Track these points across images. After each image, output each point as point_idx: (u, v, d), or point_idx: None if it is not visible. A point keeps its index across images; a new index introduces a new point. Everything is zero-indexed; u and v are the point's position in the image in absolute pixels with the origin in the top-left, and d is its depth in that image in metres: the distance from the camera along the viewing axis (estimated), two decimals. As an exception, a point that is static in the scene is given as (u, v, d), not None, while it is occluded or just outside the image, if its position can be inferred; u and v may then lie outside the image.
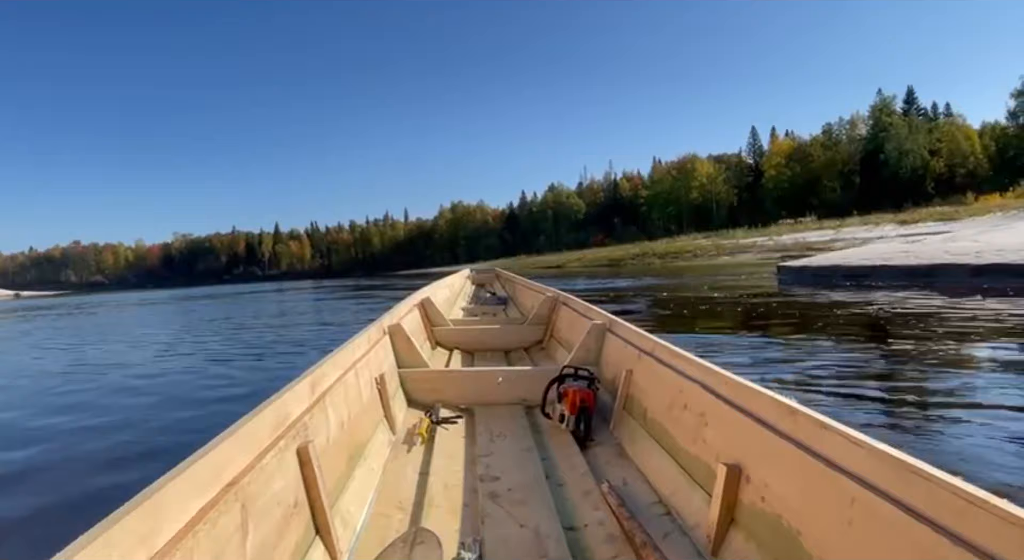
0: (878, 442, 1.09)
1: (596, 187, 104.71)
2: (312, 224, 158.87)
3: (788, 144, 78.00)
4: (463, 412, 2.92)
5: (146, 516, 0.91)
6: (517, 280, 8.46)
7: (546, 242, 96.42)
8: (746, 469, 1.47)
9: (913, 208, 47.69)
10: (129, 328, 16.50)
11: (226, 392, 5.82)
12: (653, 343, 2.39)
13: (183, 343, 11.08)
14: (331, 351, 2.24)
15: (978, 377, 4.51)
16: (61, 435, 4.57)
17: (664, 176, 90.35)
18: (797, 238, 36.34)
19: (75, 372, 8.06)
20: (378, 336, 3.04)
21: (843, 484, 1.13)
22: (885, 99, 68.72)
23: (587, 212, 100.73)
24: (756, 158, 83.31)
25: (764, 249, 34.63)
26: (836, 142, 73.15)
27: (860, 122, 71.74)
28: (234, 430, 1.27)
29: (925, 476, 0.96)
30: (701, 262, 34.71)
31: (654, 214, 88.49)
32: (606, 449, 2.36)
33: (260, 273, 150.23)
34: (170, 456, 1.14)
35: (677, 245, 46.53)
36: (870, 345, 6.10)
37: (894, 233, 28.00)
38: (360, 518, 1.79)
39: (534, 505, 1.86)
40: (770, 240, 38.22)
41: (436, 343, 4.72)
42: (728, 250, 37.11)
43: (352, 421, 2.10)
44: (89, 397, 6.08)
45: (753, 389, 1.55)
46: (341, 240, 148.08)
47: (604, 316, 3.32)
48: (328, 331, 11.36)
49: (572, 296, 4.52)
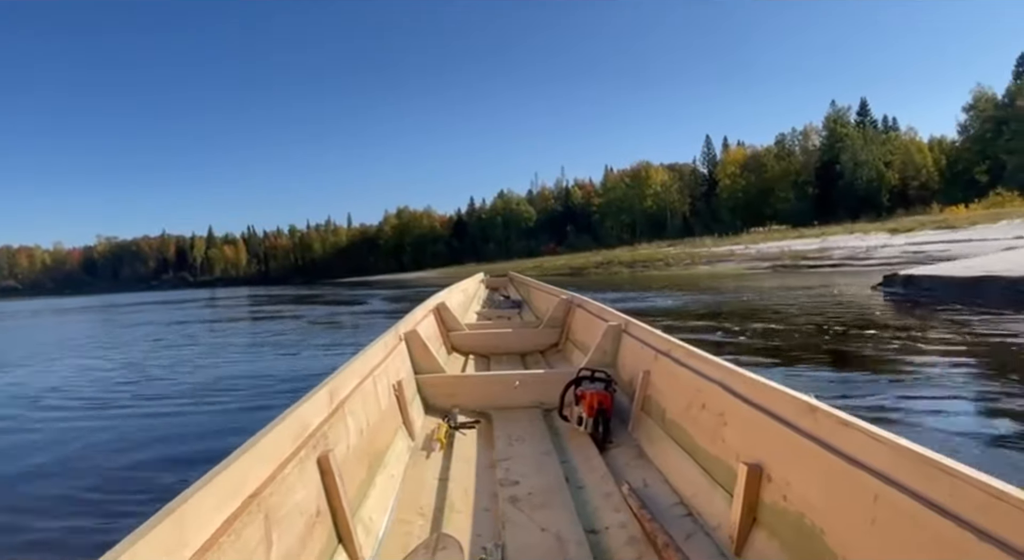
0: (899, 438, 1.09)
1: (547, 194, 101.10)
2: (249, 228, 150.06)
3: (741, 153, 76.22)
4: (481, 417, 2.88)
5: (172, 528, 0.91)
6: (531, 283, 8.40)
7: (496, 249, 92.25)
8: (767, 468, 1.45)
9: (878, 219, 46.00)
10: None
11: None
12: (670, 343, 2.38)
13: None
14: (348, 359, 2.20)
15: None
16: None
17: (617, 184, 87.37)
18: (781, 246, 33.19)
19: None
20: (394, 343, 3.00)
21: (865, 481, 1.12)
22: (839, 110, 67.66)
23: (538, 219, 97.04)
24: (710, 167, 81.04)
25: (747, 258, 31.34)
26: (789, 152, 71.79)
27: (813, 133, 70.58)
28: (255, 441, 1.26)
29: (948, 471, 0.95)
30: (678, 271, 31.12)
31: (607, 222, 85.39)
32: (625, 451, 2.34)
33: (191, 279, 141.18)
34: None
35: (644, 253, 43.06)
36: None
37: (904, 241, 24.90)
38: (382, 525, 1.77)
39: (555, 509, 1.84)
40: (747, 248, 35.06)
41: (452, 348, 4.66)
42: (704, 259, 33.72)
43: (371, 429, 2.08)
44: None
45: (772, 387, 1.54)
46: (280, 245, 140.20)
47: (619, 317, 3.30)
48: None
49: (587, 298, 4.52)
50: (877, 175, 62.76)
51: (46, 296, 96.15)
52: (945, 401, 4.42)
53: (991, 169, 54.20)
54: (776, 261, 27.55)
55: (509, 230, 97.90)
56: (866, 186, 62.31)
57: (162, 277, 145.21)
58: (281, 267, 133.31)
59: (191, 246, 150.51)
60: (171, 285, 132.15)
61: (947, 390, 4.78)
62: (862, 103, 68.06)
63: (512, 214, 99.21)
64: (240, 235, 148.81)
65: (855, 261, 23.31)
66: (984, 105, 58.27)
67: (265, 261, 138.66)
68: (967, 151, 59.35)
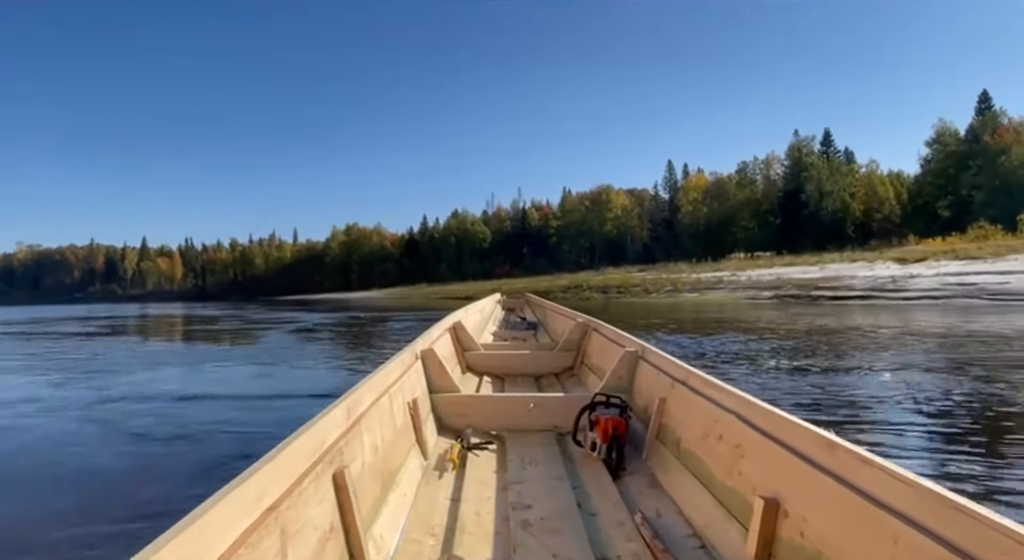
0: (922, 478, 1.06)
1: (503, 215, 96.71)
2: (187, 240, 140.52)
3: (703, 179, 73.90)
4: (494, 438, 2.86)
5: (192, 538, 0.91)
6: (547, 305, 8.45)
7: (448, 271, 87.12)
8: (784, 503, 1.42)
9: (843, 249, 43.49)
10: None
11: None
12: (686, 372, 2.34)
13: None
14: (365, 376, 2.18)
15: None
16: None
17: (576, 206, 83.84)
18: (776, 274, 29.22)
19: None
20: (411, 361, 2.97)
21: (886, 521, 1.09)
22: (803, 140, 65.92)
23: (493, 240, 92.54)
24: (671, 193, 78.01)
25: (740, 286, 27.38)
26: (751, 180, 69.81)
27: (776, 162, 68.74)
28: (273, 455, 1.25)
29: (972, 515, 0.93)
30: (662, 299, 26.88)
31: (565, 245, 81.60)
32: (639, 479, 2.30)
33: (120, 291, 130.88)
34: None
35: (615, 278, 38.66)
36: None
37: (935, 272, 21.22)
38: (393, 544, 1.75)
39: (567, 535, 1.81)
40: (735, 275, 31.05)
41: (467, 368, 4.62)
42: (688, 286, 29.60)
43: (386, 446, 2.07)
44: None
45: (790, 421, 1.50)
46: (219, 259, 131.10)
47: (636, 343, 3.24)
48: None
49: (603, 323, 4.43)
50: (842, 206, 60.98)
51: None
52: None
53: (953, 204, 53.01)
54: (778, 290, 23.61)
55: (463, 250, 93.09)
56: (831, 216, 60.33)
57: (88, 289, 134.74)
58: (219, 282, 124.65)
59: (122, 257, 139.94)
60: (97, 298, 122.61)
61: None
62: (826, 133, 66.44)
63: (467, 234, 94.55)
64: (177, 247, 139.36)
65: (886, 292, 19.55)
66: (948, 139, 57.30)
67: (203, 276, 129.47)
68: (929, 185, 58.13)
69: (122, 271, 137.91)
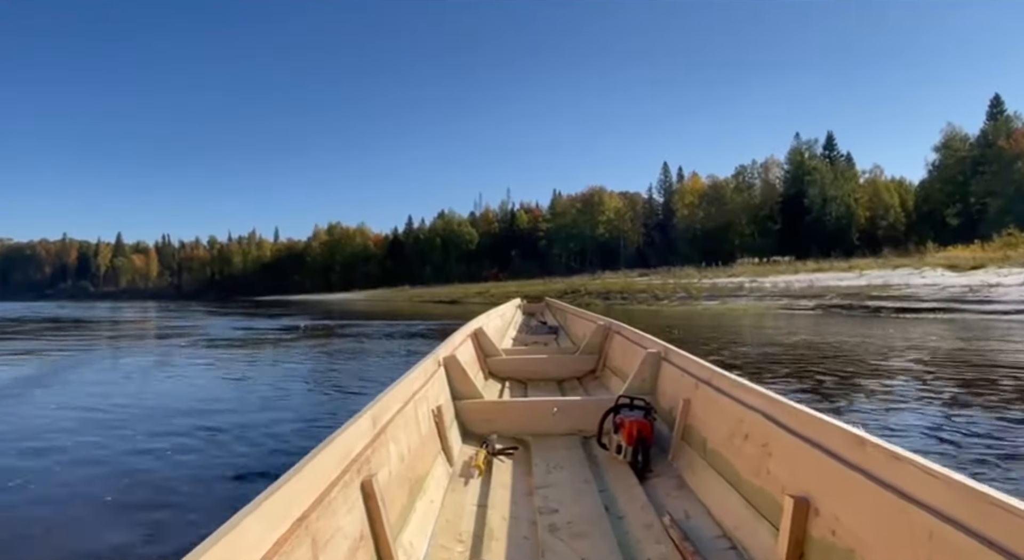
0: (956, 473, 1.04)
1: (491, 217, 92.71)
2: (164, 237, 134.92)
3: (700, 183, 70.61)
4: (518, 443, 2.83)
5: (226, 550, 0.91)
6: (568, 309, 8.34)
7: (433, 273, 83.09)
8: (814, 501, 1.40)
9: (847, 257, 40.08)
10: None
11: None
12: (710, 372, 2.32)
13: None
14: (390, 384, 2.15)
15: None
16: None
17: (567, 209, 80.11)
18: (809, 280, 25.43)
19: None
20: (434, 368, 2.92)
21: (920, 517, 1.07)
22: (806, 143, 62.73)
23: (481, 243, 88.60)
24: (666, 196, 74.25)
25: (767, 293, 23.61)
26: (749, 185, 66.69)
27: (775, 166, 65.64)
28: (302, 466, 1.25)
29: (1008, 509, 0.91)
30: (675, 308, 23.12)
31: (555, 249, 77.76)
32: (665, 481, 2.28)
33: (92, 289, 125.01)
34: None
35: (616, 283, 34.46)
36: None
37: (1015, 281, 17.60)
38: (422, 551, 1.74)
39: (595, 539, 1.79)
40: (755, 281, 27.16)
41: (489, 373, 4.57)
42: (705, 293, 25.83)
43: (412, 454, 2.05)
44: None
45: (819, 419, 1.48)
46: (196, 257, 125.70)
47: (658, 344, 3.22)
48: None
49: (624, 325, 4.42)
50: (847, 212, 57.93)
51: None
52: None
53: (962, 211, 50.13)
54: (820, 299, 19.88)
55: (449, 253, 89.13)
56: (835, 222, 57.25)
57: (59, 286, 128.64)
58: (196, 280, 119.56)
59: (95, 252, 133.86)
60: (68, 295, 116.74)
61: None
62: (828, 137, 63.28)
63: (453, 236, 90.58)
64: (154, 244, 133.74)
65: (969, 304, 15.98)
66: (957, 144, 54.46)
67: (179, 274, 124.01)
68: (937, 191, 55.23)
69: (95, 267, 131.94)
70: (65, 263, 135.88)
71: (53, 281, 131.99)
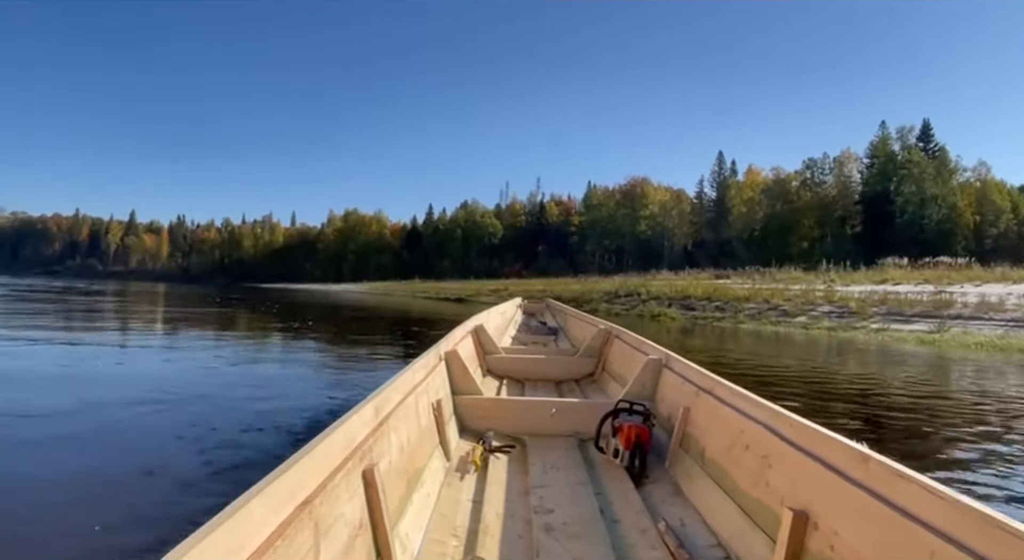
0: (959, 494, 1.03)
1: (519, 208, 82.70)
2: (179, 217, 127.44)
3: (761, 177, 59.96)
4: (515, 442, 2.77)
5: (233, 530, 0.91)
6: (568, 311, 8.32)
7: (451, 267, 73.78)
8: (814, 516, 1.38)
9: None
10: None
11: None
12: (712, 381, 2.29)
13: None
14: (393, 376, 2.12)
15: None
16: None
17: (604, 201, 69.87)
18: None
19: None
20: (435, 362, 2.89)
21: (921, 536, 1.05)
22: (900, 129, 51.68)
23: (504, 236, 78.80)
24: (720, 191, 63.54)
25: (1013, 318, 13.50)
26: (819, 182, 55.98)
27: (851, 160, 54.89)
28: (306, 451, 1.25)
29: (1011, 531, 0.90)
30: (846, 335, 13.11)
31: (588, 246, 67.69)
32: (661, 487, 2.24)
33: (101, 268, 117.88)
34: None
35: (700, 286, 24.01)
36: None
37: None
38: (417, 543, 1.71)
39: (590, 541, 1.75)
40: (943, 293, 16.68)
41: (487, 371, 4.50)
42: (875, 312, 15.27)
43: (411, 446, 2.03)
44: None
45: (821, 433, 1.46)
46: (207, 239, 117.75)
47: (659, 351, 3.16)
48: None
49: (625, 330, 4.34)
50: (950, 215, 46.96)
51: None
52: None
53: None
54: None
55: (470, 245, 79.66)
56: (936, 227, 46.33)
57: (67, 263, 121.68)
58: (204, 264, 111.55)
59: (106, 230, 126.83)
60: (75, 273, 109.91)
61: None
62: (924, 125, 51.84)
63: (475, 227, 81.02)
64: (168, 224, 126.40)
65: None
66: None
67: (188, 256, 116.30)
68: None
69: (104, 245, 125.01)
70: (76, 239, 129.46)
71: (62, 257, 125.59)
